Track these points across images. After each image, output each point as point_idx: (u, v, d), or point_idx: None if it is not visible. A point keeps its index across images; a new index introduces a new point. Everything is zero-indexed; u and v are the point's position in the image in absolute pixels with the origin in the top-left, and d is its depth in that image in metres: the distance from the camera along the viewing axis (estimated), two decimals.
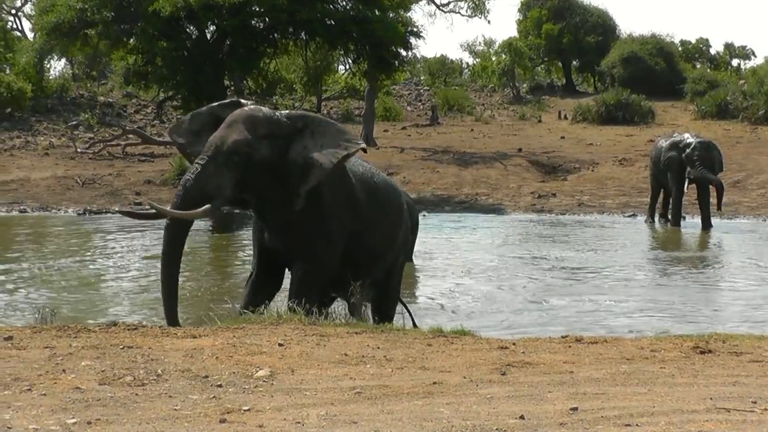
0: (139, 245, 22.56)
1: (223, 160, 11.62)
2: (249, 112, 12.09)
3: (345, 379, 7.86)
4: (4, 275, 18.12)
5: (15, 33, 60.28)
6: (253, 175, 11.80)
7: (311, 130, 12.16)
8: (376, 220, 12.72)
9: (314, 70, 55.68)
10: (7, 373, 7.50)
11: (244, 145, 11.69)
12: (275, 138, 11.95)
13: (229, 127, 11.88)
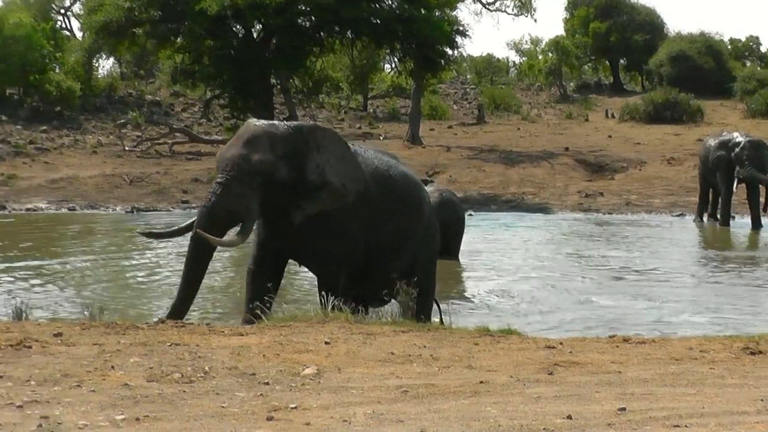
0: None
1: (248, 181, 11.55)
2: (267, 129, 11.97)
3: (391, 377, 7.85)
4: (53, 272, 18.25)
5: (64, 32, 60.77)
6: (272, 194, 11.73)
7: (318, 144, 12.12)
8: (391, 215, 12.59)
9: (360, 68, 55.80)
10: (57, 369, 7.55)
11: (269, 165, 11.66)
12: (292, 156, 11.90)
13: (249, 145, 11.74)
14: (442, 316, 13.39)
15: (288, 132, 12.01)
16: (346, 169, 12.15)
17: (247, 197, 11.56)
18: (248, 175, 11.54)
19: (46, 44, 48.24)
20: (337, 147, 12.27)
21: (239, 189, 11.52)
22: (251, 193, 11.57)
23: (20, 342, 8.28)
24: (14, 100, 47.98)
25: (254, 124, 12.14)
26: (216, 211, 11.51)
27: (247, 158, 11.60)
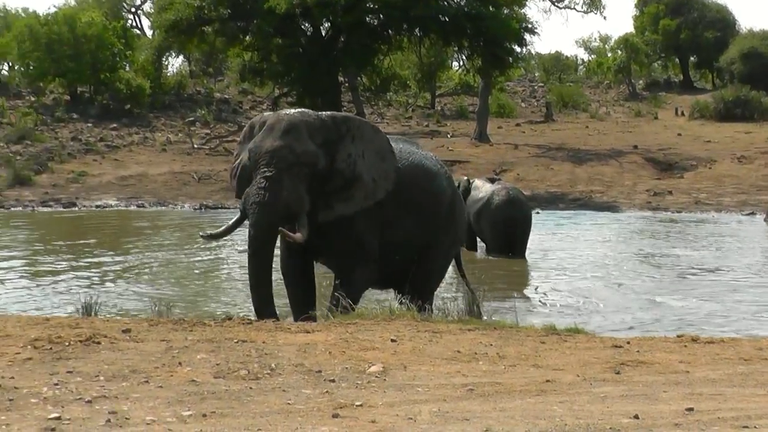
0: None
1: (296, 172, 11.28)
2: (304, 118, 11.68)
3: (457, 375, 7.83)
4: (122, 268, 18.43)
5: (134, 31, 61.35)
6: (313, 185, 11.46)
7: (352, 134, 11.88)
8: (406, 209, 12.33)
9: (428, 66, 55.79)
10: (125, 365, 7.61)
11: (313, 155, 11.42)
12: (328, 145, 11.66)
13: (288, 134, 11.45)
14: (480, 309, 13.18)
15: (321, 120, 11.77)
16: (380, 165, 11.93)
17: (299, 189, 11.27)
18: (296, 167, 11.28)
19: (116, 43, 48.78)
20: (374, 141, 12.05)
21: (289, 181, 11.23)
22: (300, 185, 11.29)
23: (89, 338, 8.36)
24: (85, 98, 48.56)
25: (286, 113, 11.87)
26: (272, 206, 11.17)
27: (291, 149, 11.32)
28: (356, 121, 12.17)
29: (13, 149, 38.21)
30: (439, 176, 13.13)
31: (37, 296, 15.50)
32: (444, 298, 13.83)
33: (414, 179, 12.49)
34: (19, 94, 51.29)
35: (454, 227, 13.33)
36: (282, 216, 11.22)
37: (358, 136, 11.88)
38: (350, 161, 11.71)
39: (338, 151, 11.69)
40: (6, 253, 20.48)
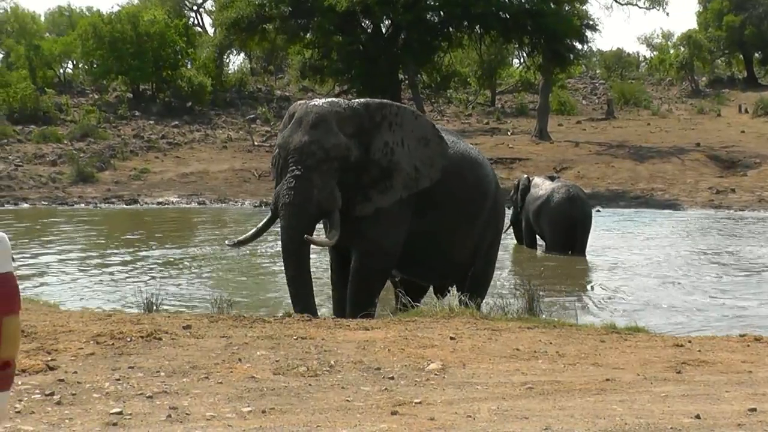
0: None
1: (326, 168, 11.00)
2: (333, 109, 11.28)
3: (516, 374, 7.81)
4: (183, 265, 18.55)
5: (196, 29, 61.73)
6: (346, 177, 11.19)
7: (389, 121, 11.51)
8: (449, 198, 12.00)
9: (488, 63, 55.61)
10: (186, 361, 7.67)
11: (344, 148, 11.09)
12: (360, 135, 11.33)
13: (316, 128, 11.10)
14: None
15: (353, 109, 11.40)
16: (423, 152, 11.61)
17: (329, 186, 11.00)
18: (326, 163, 10.99)
19: (178, 41, 49.14)
20: (415, 127, 11.70)
21: (320, 179, 10.97)
22: (331, 181, 11.02)
23: (150, 334, 8.43)
24: (147, 96, 48.96)
25: (314, 104, 11.44)
26: (304, 207, 10.94)
27: (320, 144, 11.02)
28: (393, 108, 11.75)
29: (77, 146, 38.60)
30: (485, 165, 12.94)
31: (100, 292, 15.65)
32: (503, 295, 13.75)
33: (460, 167, 12.22)
34: (83, 92, 51.85)
35: (496, 221, 13.15)
36: (313, 216, 11.08)
37: (396, 123, 11.55)
38: (387, 150, 11.39)
39: (373, 140, 11.37)
40: (69, 249, 20.69)
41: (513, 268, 20.29)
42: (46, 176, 34.28)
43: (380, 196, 11.36)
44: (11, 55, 54.90)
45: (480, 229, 12.63)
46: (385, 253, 11.69)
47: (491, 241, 13.12)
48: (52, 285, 16.19)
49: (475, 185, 12.45)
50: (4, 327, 4.06)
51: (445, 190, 11.93)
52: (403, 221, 11.71)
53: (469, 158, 12.53)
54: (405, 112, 11.82)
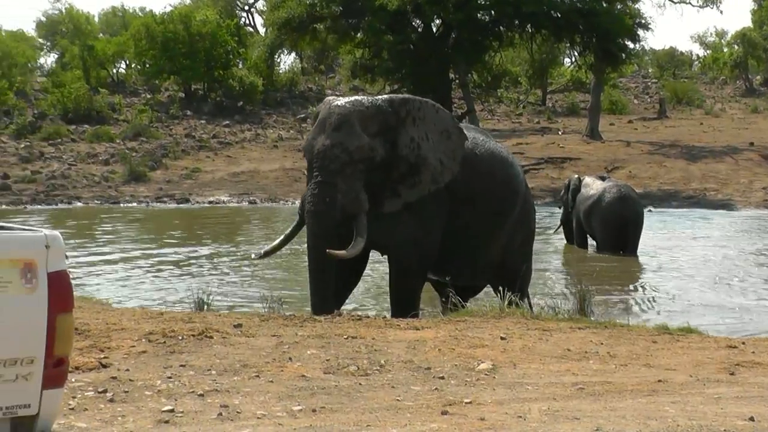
0: None
1: (350, 172, 10.92)
2: (355, 108, 11.17)
3: (567, 374, 7.79)
4: (235, 264, 18.62)
5: (247, 29, 61.97)
6: (372, 177, 11.09)
7: (413, 116, 11.42)
8: (477, 196, 11.91)
9: (539, 62, 55.39)
10: (237, 359, 7.70)
11: (368, 149, 11.00)
12: (386, 132, 11.24)
13: (339, 130, 11.00)
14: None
15: (377, 107, 11.30)
16: (446, 145, 11.53)
17: (354, 189, 10.93)
18: (350, 166, 10.92)
19: (230, 40, 49.36)
20: (437, 120, 11.62)
21: (344, 183, 10.89)
22: (356, 184, 10.94)
23: (202, 332, 8.48)
24: (199, 96, 49.21)
25: (337, 104, 11.32)
26: (328, 215, 10.89)
27: (344, 147, 10.91)
28: (416, 103, 11.68)
29: (129, 146, 38.86)
30: (515, 164, 12.90)
31: (152, 290, 15.75)
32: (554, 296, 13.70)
33: (491, 166, 12.17)
34: (136, 92, 52.20)
35: (528, 220, 13.07)
36: (338, 222, 10.98)
37: (419, 117, 11.48)
38: (413, 145, 11.32)
39: (399, 136, 11.30)
40: (122, 248, 20.84)
41: (563, 268, 20.21)
42: (98, 175, 34.54)
43: (409, 191, 11.31)
44: (65, 55, 55.41)
45: (510, 228, 12.56)
46: (422, 253, 11.66)
47: (524, 240, 13.05)
48: (105, 283, 16.32)
49: (506, 183, 12.40)
50: (58, 325, 4.10)
51: (476, 189, 11.92)
52: (439, 220, 11.69)
53: (499, 157, 12.49)
54: (427, 106, 11.77)
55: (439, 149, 11.47)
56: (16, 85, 46.49)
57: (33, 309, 4.01)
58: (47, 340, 4.05)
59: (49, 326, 4.04)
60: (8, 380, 3.98)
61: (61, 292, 4.09)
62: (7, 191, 32.02)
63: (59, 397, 4.32)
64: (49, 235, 4.13)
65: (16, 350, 3.99)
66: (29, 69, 55.05)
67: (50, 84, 48.13)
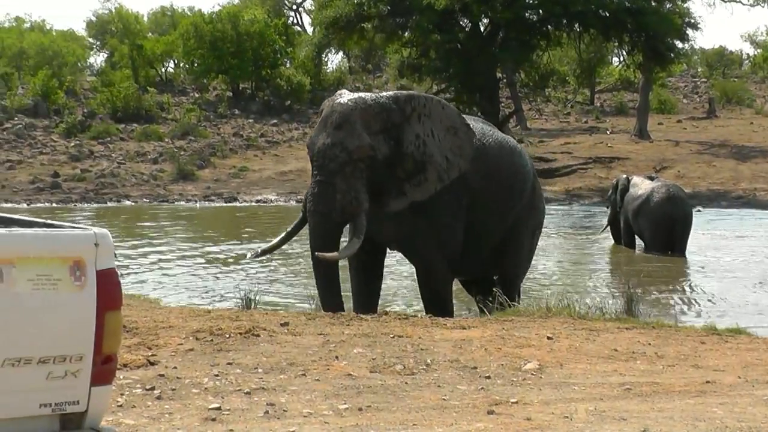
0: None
1: (350, 171, 10.78)
2: (357, 106, 11.00)
3: (614, 374, 7.75)
4: (282, 263, 18.66)
5: (295, 28, 62.14)
6: (375, 176, 10.94)
7: (418, 113, 11.23)
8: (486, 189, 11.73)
9: (587, 62, 55.14)
10: (283, 358, 7.73)
11: (368, 149, 10.83)
12: (389, 130, 11.06)
13: (340, 129, 10.86)
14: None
15: (380, 104, 11.12)
16: (453, 141, 11.36)
17: (354, 189, 10.79)
18: (349, 165, 10.77)
19: (278, 40, 49.54)
20: (443, 117, 11.44)
21: (343, 183, 10.76)
22: (356, 183, 10.80)
23: (249, 330, 8.51)
24: (247, 95, 49.42)
25: (339, 102, 11.16)
26: (327, 215, 10.82)
27: (343, 146, 10.77)
28: (421, 99, 11.51)
29: (177, 145, 39.09)
30: (523, 154, 12.72)
31: (199, 288, 15.83)
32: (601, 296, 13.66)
33: (499, 157, 12.02)
34: (184, 91, 52.49)
35: (536, 208, 12.84)
36: (338, 222, 10.90)
37: (425, 114, 11.30)
38: (419, 142, 11.15)
39: (404, 134, 11.13)
40: (170, 246, 20.97)
41: (611, 268, 20.13)
42: (147, 174, 34.78)
43: (415, 190, 11.15)
44: (115, 54, 55.80)
45: (516, 217, 12.30)
46: (447, 253, 11.62)
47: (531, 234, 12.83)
48: (154, 281, 16.42)
49: (514, 173, 12.21)
50: (106, 322, 4.13)
51: (486, 181, 11.77)
52: (460, 219, 11.61)
53: (507, 147, 12.34)
54: (432, 103, 11.61)
55: (445, 146, 11.32)
56: (66, 84, 46.87)
57: (82, 306, 4.04)
58: (96, 338, 4.08)
59: (98, 324, 4.07)
60: (57, 377, 4.02)
61: (110, 289, 4.12)
62: (58, 189, 32.32)
63: (108, 394, 4.35)
64: (98, 233, 4.16)
65: (65, 347, 4.02)
66: (79, 68, 55.55)
67: (100, 83, 48.52)
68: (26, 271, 3.94)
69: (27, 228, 4.36)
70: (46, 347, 4.02)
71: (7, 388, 3.95)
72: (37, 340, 4.00)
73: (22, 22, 61.77)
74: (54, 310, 4.03)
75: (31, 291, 3.95)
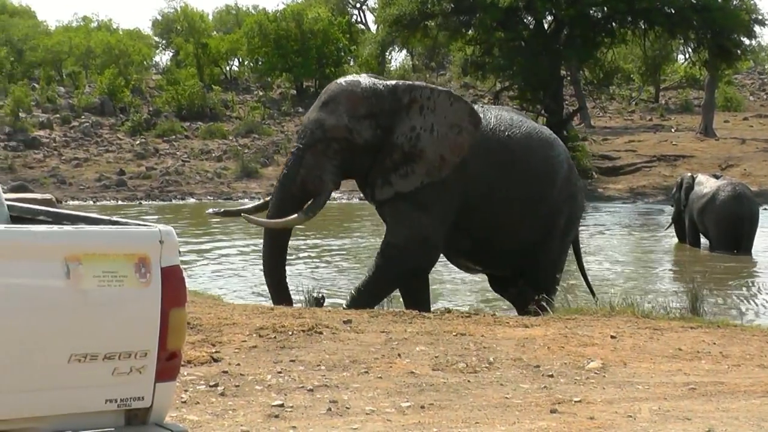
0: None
1: (322, 149, 10.80)
2: (346, 88, 11.01)
3: (678, 374, 7.69)
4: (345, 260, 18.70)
5: (359, 26, 62.23)
6: (354, 160, 10.92)
7: (420, 105, 10.98)
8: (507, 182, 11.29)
9: (652, 59, 54.71)
10: (346, 355, 7.75)
11: (344, 130, 10.79)
12: (378, 116, 10.92)
13: (325, 107, 10.92)
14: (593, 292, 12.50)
15: (374, 89, 11.00)
16: (454, 140, 10.97)
17: (320, 167, 10.78)
18: (321, 142, 10.79)
19: (342, 38, 49.68)
20: (450, 113, 11.06)
21: (311, 159, 10.78)
22: (325, 163, 10.80)
23: (312, 328, 8.54)
24: (311, 93, 49.52)
25: (335, 83, 11.29)
26: (286, 185, 10.86)
27: (320, 123, 10.83)
28: (426, 91, 11.19)
29: (242, 142, 39.32)
30: (555, 146, 12.02)
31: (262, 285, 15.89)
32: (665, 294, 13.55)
33: (526, 149, 11.52)
34: (248, 89, 52.77)
35: (570, 205, 12.07)
36: (295, 194, 10.84)
37: (428, 107, 11.00)
38: (412, 135, 10.90)
39: (397, 123, 10.94)
40: (233, 243, 21.08)
41: (675, 266, 19.96)
42: (211, 172, 35.03)
43: (401, 181, 10.92)
44: (180, 53, 56.21)
45: (547, 211, 11.73)
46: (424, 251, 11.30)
47: (565, 228, 12.08)
48: (217, 278, 16.52)
49: (539, 166, 11.64)
50: (170, 319, 4.17)
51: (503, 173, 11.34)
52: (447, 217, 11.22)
53: (536, 138, 11.74)
54: (440, 96, 11.22)
55: (443, 143, 10.96)
56: (132, 82, 47.33)
57: (147, 303, 4.08)
58: (160, 334, 4.11)
59: (163, 320, 4.10)
60: (123, 373, 4.05)
61: (175, 286, 4.15)
62: (123, 187, 32.66)
63: (172, 390, 4.38)
64: (163, 230, 4.19)
65: (130, 343, 4.06)
66: (145, 67, 56.01)
67: (165, 81, 48.91)
68: (92, 268, 3.99)
69: (93, 225, 4.41)
70: (112, 343, 4.06)
71: (74, 384, 4.00)
72: (103, 336, 4.04)
73: (90, 21, 62.40)
74: (119, 307, 4.07)
75: (97, 287, 3.99)
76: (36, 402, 3.94)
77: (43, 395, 3.95)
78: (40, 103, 42.73)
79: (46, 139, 38.09)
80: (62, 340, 3.95)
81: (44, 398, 3.96)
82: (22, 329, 3.86)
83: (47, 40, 52.15)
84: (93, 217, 4.81)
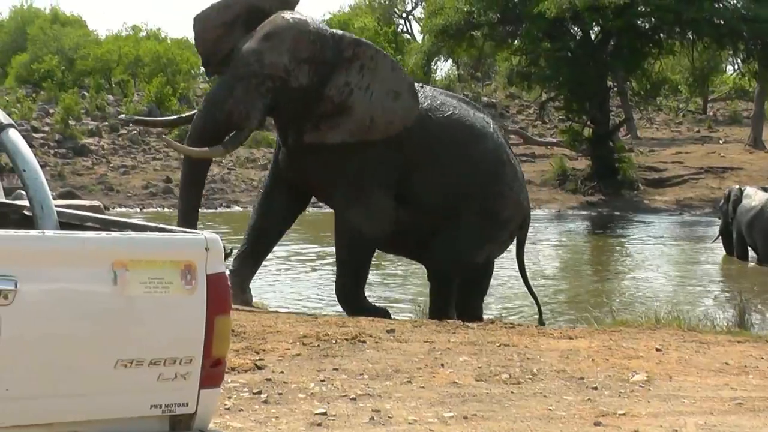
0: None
1: (255, 83, 10.49)
2: (294, 26, 10.65)
3: (725, 388, 7.63)
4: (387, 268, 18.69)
5: (405, 36, 62.29)
6: (283, 102, 10.66)
7: (361, 63, 10.76)
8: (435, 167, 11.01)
9: (700, 70, 54.36)
10: (389, 364, 7.75)
11: (282, 70, 10.52)
12: (318, 64, 10.65)
13: (268, 40, 10.57)
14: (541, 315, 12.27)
15: (321, 35, 10.77)
16: (389, 105, 10.74)
17: (249, 102, 10.52)
18: (257, 77, 10.51)
19: (388, 47, 49.61)
20: (389, 78, 10.88)
21: (242, 91, 10.49)
22: (256, 99, 10.54)
23: (355, 337, 8.56)
24: None
25: (281, 17, 10.82)
26: (211, 111, 10.63)
27: (260, 57, 10.51)
28: (372, 50, 11.06)
29: None
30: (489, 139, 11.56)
31: (308, 294, 15.93)
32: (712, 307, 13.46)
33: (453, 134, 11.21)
34: None
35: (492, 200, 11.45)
36: (220, 123, 10.61)
37: (369, 67, 10.81)
38: (345, 89, 10.71)
39: (333, 75, 10.72)
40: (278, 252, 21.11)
41: (723, 280, 19.81)
42: (256, 180, 35.10)
43: (329, 131, 10.72)
44: None
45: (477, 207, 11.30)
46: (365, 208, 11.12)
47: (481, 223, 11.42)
48: (262, 286, 16.56)
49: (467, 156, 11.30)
50: (215, 326, 4.18)
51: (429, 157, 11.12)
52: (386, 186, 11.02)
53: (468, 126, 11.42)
54: (383, 59, 11.13)
55: (376, 106, 10.77)
56: (179, 91, 47.55)
57: (192, 310, 4.10)
58: (205, 341, 4.13)
59: (207, 327, 4.12)
60: (168, 379, 4.08)
61: (220, 293, 4.17)
62: (169, 195, 32.81)
63: (216, 397, 4.40)
64: (208, 238, 4.21)
65: (175, 350, 4.08)
66: (192, 75, 56.27)
67: None
68: (138, 274, 4.01)
69: (140, 232, 4.44)
70: (157, 349, 4.08)
71: (120, 389, 4.03)
72: (149, 342, 4.06)
73: (139, 30, 62.77)
74: (165, 313, 4.09)
75: (143, 294, 4.02)
76: (83, 406, 3.97)
77: (89, 400, 3.99)
78: (90, 111, 43.03)
79: (94, 146, 38.35)
80: (109, 346, 3.98)
81: (90, 403, 3.99)
82: (70, 334, 3.89)
83: (97, 49, 52.53)
84: (139, 223, 4.84)
